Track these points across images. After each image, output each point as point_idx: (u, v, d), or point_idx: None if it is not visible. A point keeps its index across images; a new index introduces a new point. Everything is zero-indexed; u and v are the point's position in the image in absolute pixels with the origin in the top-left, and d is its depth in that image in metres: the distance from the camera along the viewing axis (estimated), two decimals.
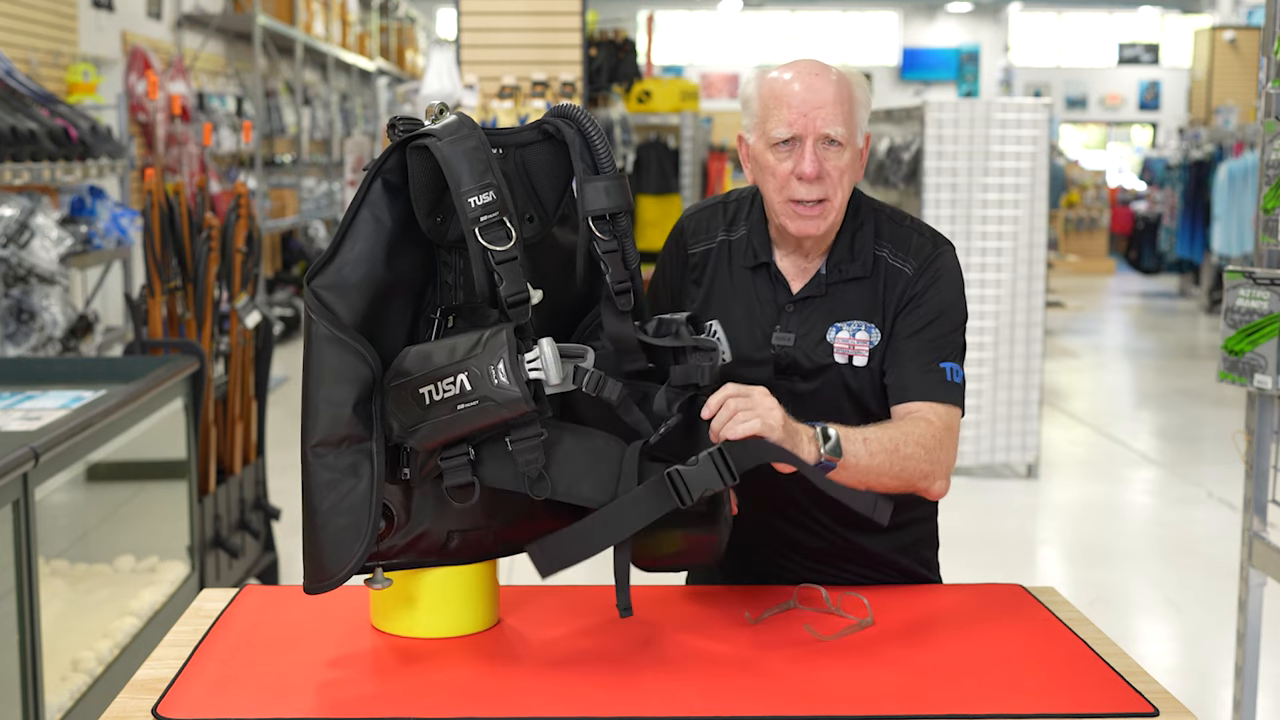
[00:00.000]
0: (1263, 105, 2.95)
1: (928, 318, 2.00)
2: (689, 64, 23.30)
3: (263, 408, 4.65)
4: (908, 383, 1.98)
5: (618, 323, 1.78)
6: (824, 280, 2.03)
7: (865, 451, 1.82)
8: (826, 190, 1.95)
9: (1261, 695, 3.43)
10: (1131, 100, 24.22)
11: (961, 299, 2.05)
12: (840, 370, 2.01)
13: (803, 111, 1.93)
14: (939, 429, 1.93)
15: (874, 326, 2.01)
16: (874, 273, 2.02)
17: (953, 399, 1.98)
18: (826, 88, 1.94)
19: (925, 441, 1.90)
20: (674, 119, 10.06)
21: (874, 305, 2.02)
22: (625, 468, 1.70)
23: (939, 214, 6.18)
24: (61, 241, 4.83)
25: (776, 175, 1.96)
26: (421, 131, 1.67)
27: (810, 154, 1.92)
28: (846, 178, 1.97)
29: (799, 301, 2.03)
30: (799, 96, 1.93)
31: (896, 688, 1.68)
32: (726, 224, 2.11)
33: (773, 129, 1.95)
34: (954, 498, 2.45)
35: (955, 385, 1.98)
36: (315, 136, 12.10)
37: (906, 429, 1.90)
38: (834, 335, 2.01)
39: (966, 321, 2.06)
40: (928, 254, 2.02)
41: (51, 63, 6.77)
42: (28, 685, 2.80)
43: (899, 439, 1.87)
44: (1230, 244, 11.28)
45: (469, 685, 1.68)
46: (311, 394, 1.67)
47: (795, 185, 1.94)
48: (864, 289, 2.02)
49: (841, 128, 1.93)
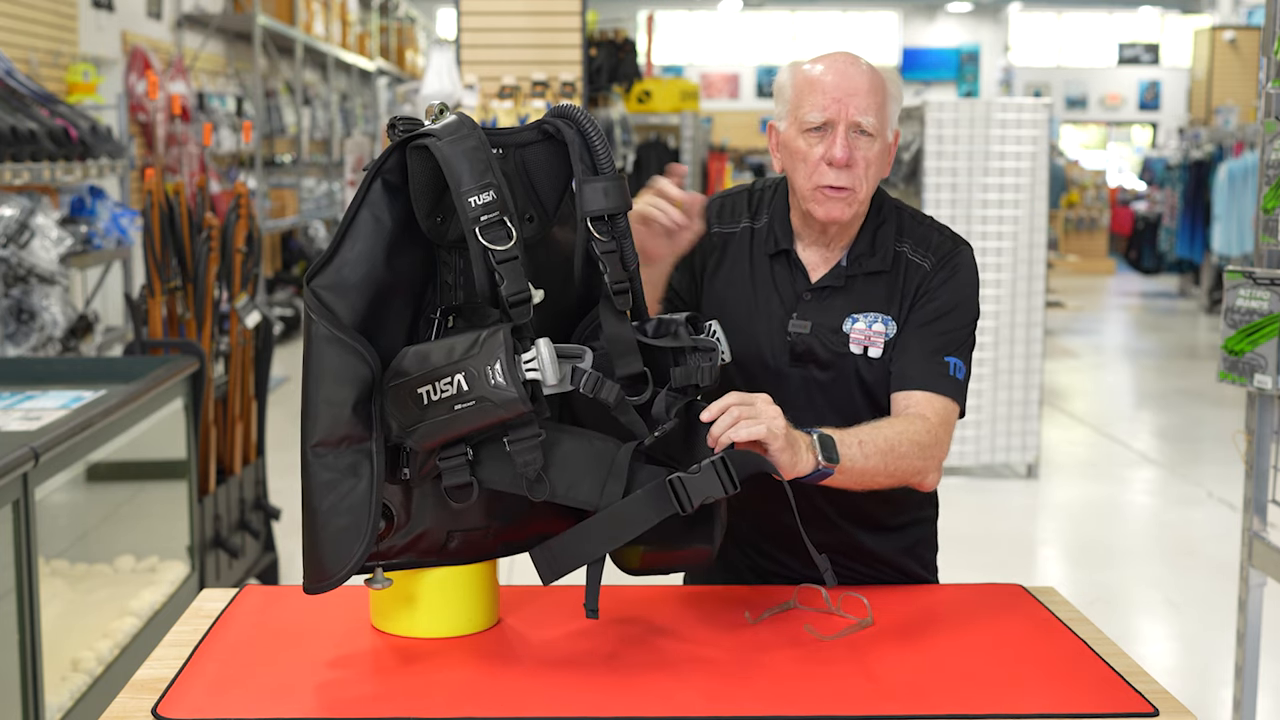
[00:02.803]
0: (1263, 105, 2.95)
1: (940, 311, 2.03)
2: (689, 64, 23.30)
3: (263, 408, 4.65)
4: (910, 371, 2.00)
5: (616, 323, 1.78)
6: (843, 271, 2.05)
7: (860, 454, 1.83)
8: (854, 179, 1.97)
9: (1261, 695, 3.43)
10: (1131, 100, 24.22)
11: (975, 298, 2.07)
12: (855, 361, 2.03)
13: (836, 97, 1.95)
14: (934, 425, 1.95)
15: (890, 319, 2.03)
16: (893, 268, 2.05)
17: (952, 393, 1.99)
18: (860, 77, 1.97)
19: (920, 439, 1.91)
20: (674, 119, 10.06)
21: (891, 298, 2.04)
22: (615, 468, 1.70)
23: (939, 214, 6.17)
24: (61, 241, 4.83)
25: (808, 161, 1.98)
26: (421, 131, 1.67)
27: (842, 139, 1.95)
28: (873, 170, 1.99)
29: (816, 290, 2.05)
30: (833, 83, 1.96)
31: (896, 688, 1.68)
32: (752, 211, 2.13)
33: (806, 113, 1.97)
34: (954, 498, 2.46)
35: (957, 381, 2.00)
36: (315, 136, 12.10)
37: (901, 428, 1.91)
38: (850, 325, 2.03)
39: (977, 321, 2.08)
40: (947, 250, 2.05)
41: (51, 63, 6.77)
42: (28, 685, 2.80)
43: (894, 439, 1.88)
44: (1230, 244, 11.28)
45: (469, 685, 1.68)
46: (311, 394, 1.67)
47: (825, 171, 1.96)
48: (882, 283, 2.05)
49: (873, 118, 1.96)
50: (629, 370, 1.76)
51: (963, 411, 2.03)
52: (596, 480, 1.69)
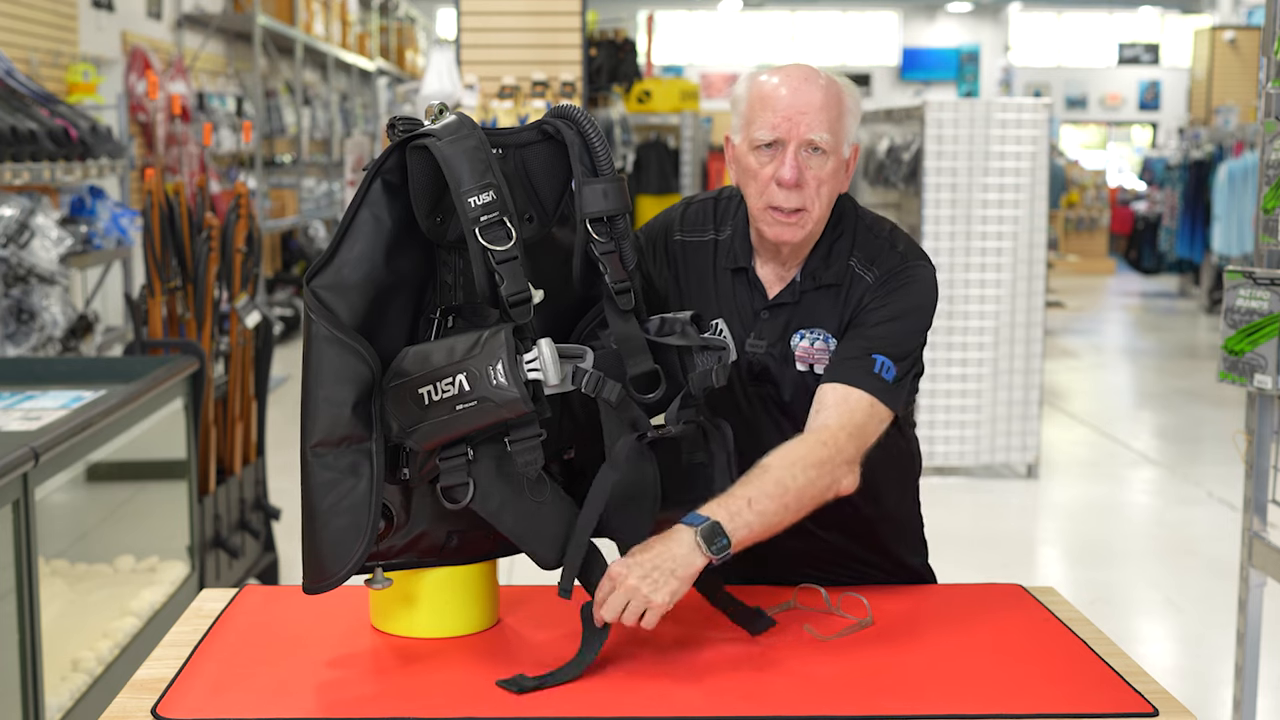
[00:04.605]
0: (1263, 105, 2.95)
1: (879, 319, 1.94)
2: (689, 64, 23.29)
3: (263, 408, 4.65)
4: (834, 367, 1.92)
5: (622, 323, 1.78)
6: (798, 287, 2.00)
7: (753, 514, 1.73)
8: (805, 200, 1.91)
9: (1261, 695, 3.43)
10: (1131, 100, 24.21)
11: (924, 310, 1.98)
12: (805, 379, 1.97)
13: (787, 115, 1.90)
14: (834, 431, 1.84)
15: (832, 336, 1.97)
16: (843, 281, 1.99)
17: (872, 388, 1.88)
18: (814, 93, 1.91)
19: (813, 458, 1.81)
20: (674, 119, 10.06)
21: (833, 311, 1.98)
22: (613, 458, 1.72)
23: (939, 214, 6.19)
24: (61, 241, 4.83)
25: (758, 179, 1.93)
26: (421, 131, 1.67)
27: (791, 159, 1.89)
28: (826, 188, 1.93)
29: (773, 308, 2.01)
30: (785, 100, 1.90)
31: (896, 688, 1.68)
32: (716, 222, 2.08)
33: (756, 131, 1.92)
34: (954, 498, 2.48)
35: (882, 380, 1.89)
36: (315, 136, 12.10)
37: (789, 458, 1.80)
38: (796, 343, 1.99)
39: (923, 334, 1.98)
40: (893, 265, 1.97)
41: (51, 63, 6.77)
42: (28, 685, 2.80)
43: (783, 477, 1.77)
44: (1230, 244, 11.28)
45: (469, 685, 1.68)
46: (311, 394, 1.67)
47: (775, 191, 1.92)
48: (833, 297, 1.99)
49: (826, 134, 1.90)
50: (640, 369, 1.76)
51: (897, 413, 1.93)
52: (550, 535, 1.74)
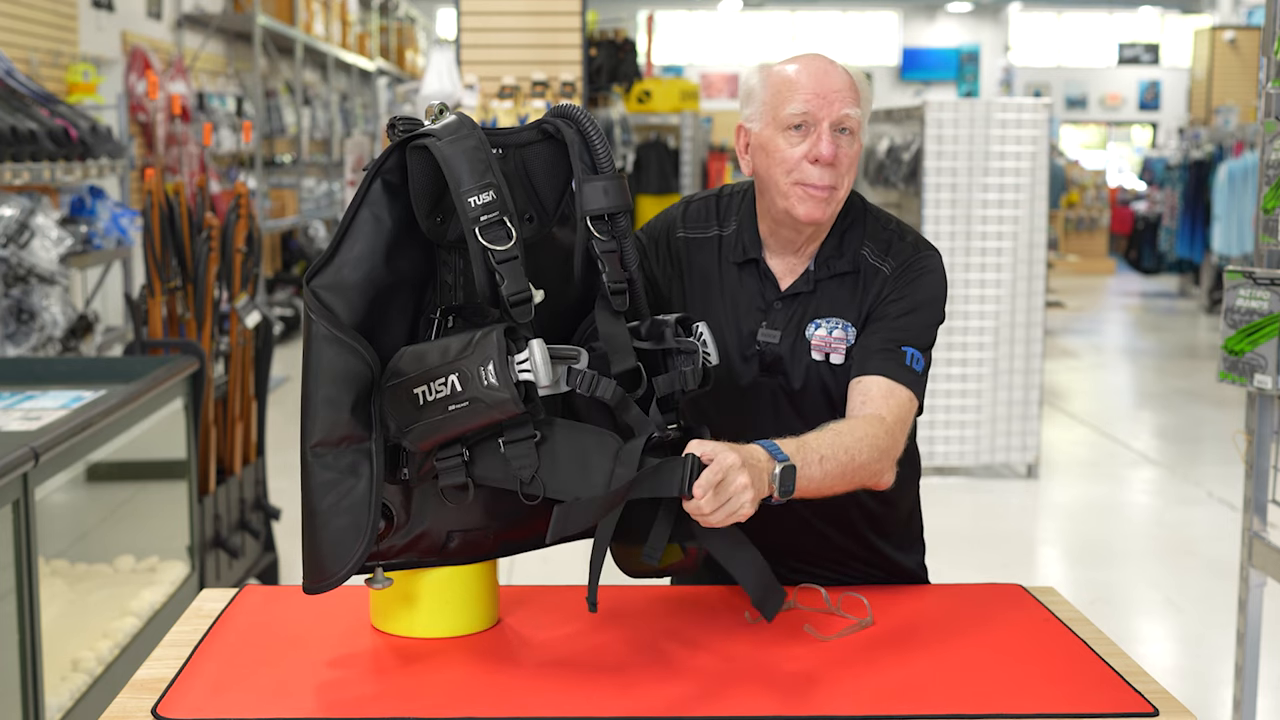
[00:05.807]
0: (1263, 105, 2.95)
1: (900, 311, 1.98)
2: (689, 64, 23.29)
3: (263, 408, 4.65)
4: (867, 359, 1.95)
5: (611, 322, 1.77)
6: (812, 276, 2.02)
7: (820, 472, 1.77)
8: (837, 178, 1.94)
9: (1261, 695, 3.43)
10: (1131, 100, 24.21)
11: (939, 301, 2.02)
12: (819, 368, 1.99)
13: (818, 93, 1.92)
14: (891, 425, 1.88)
15: (850, 325, 1.99)
16: (858, 269, 2.01)
17: (909, 383, 1.93)
18: (840, 74, 1.95)
19: (880, 443, 1.85)
20: (674, 119, 10.07)
21: (852, 302, 2.00)
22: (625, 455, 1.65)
23: (939, 214, 6.18)
24: (61, 241, 4.83)
25: (787, 160, 1.94)
26: (421, 131, 1.67)
27: (828, 136, 1.92)
28: (853, 171, 1.96)
29: (786, 298, 2.02)
30: (815, 80, 1.93)
31: (896, 688, 1.68)
32: (720, 218, 2.09)
33: (787, 110, 1.93)
34: (954, 497, 2.47)
35: (915, 372, 1.94)
36: (315, 136, 12.10)
37: (862, 433, 1.84)
38: (812, 332, 2.00)
39: (940, 324, 2.02)
40: (907, 256, 2.01)
41: (51, 63, 6.77)
42: (28, 685, 2.80)
43: (854, 448, 1.81)
44: (1230, 244, 11.28)
45: (469, 685, 1.68)
46: (311, 394, 1.67)
47: (807, 168, 1.93)
48: (848, 285, 2.01)
49: (856, 110, 1.94)
50: (622, 367, 1.76)
51: (921, 408, 1.98)
52: (588, 481, 1.66)
